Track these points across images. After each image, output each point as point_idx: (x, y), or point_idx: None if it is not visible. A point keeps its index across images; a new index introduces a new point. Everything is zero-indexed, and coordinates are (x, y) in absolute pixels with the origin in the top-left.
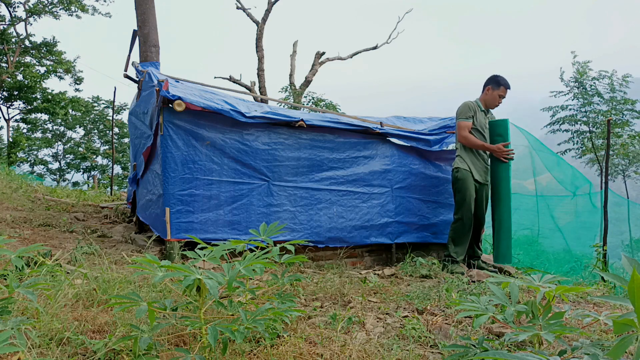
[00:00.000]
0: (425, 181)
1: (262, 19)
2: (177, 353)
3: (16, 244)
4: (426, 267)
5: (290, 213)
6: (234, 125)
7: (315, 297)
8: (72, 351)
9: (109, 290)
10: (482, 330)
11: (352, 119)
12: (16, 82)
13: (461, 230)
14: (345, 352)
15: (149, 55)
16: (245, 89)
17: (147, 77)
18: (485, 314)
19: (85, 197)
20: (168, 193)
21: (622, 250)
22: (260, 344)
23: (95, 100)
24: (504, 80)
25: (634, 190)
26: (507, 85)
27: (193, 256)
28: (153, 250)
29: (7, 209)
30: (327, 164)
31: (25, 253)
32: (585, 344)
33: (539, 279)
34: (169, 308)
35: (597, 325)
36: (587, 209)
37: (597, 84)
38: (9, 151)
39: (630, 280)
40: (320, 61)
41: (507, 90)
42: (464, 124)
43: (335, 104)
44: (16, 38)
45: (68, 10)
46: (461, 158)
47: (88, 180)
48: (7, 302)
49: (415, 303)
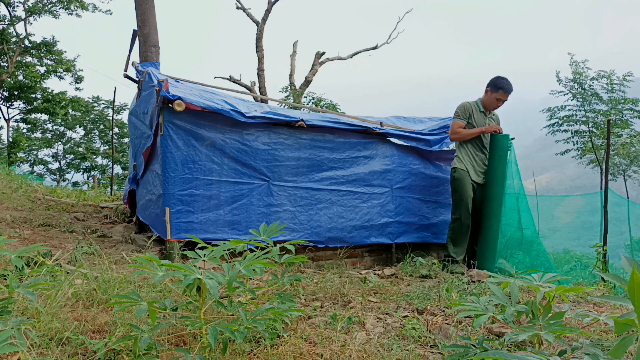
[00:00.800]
0: (426, 181)
1: (262, 19)
2: (177, 353)
3: (16, 244)
4: (426, 267)
5: (290, 213)
6: (234, 125)
7: (315, 297)
8: (72, 351)
9: (109, 290)
10: (482, 330)
11: (352, 119)
12: (16, 82)
13: (459, 230)
14: (345, 352)
15: (149, 55)
16: (245, 89)
17: (147, 77)
18: (485, 314)
19: (85, 197)
20: (168, 193)
21: (623, 250)
22: (260, 344)
23: (95, 100)
24: (503, 83)
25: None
26: (507, 89)
27: (193, 256)
28: (153, 250)
29: (7, 209)
30: (327, 164)
31: (25, 253)
32: (585, 344)
33: (539, 279)
34: (169, 308)
35: (597, 325)
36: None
37: (595, 84)
38: (9, 151)
39: (630, 279)
40: (320, 61)
41: (507, 94)
42: (454, 123)
43: (335, 104)
44: (16, 38)
45: (68, 9)
46: (459, 158)
47: (88, 180)
48: (7, 302)
49: (415, 303)
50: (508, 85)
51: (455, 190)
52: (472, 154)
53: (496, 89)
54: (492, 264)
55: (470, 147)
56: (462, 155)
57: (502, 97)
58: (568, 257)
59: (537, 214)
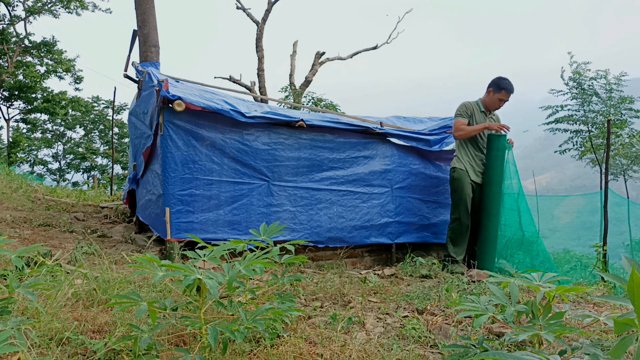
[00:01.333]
0: (426, 181)
1: (262, 19)
2: (177, 353)
3: (16, 244)
4: (426, 267)
5: (290, 213)
6: (234, 125)
7: (315, 297)
8: (72, 351)
9: (109, 290)
10: (482, 330)
11: (352, 119)
12: (16, 82)
13: (459, 230)
14: (345, 352)
15: (149, 55)
16: (245, 89)
17: (147, 77)
18: (485, 314)
19: (85, 197)
20: (168, 193)
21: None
22: (260, 344)
23: (95, 100)
24: (506, 84)
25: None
26: (509, 90)
27: (193, 256)
28: (153, 250)
29: (7, 209)
30: (327, 164)
31: (25, 253)
32: (585, 344)
33: (538, 279)
34: (169, 308)
35: (597, 325)
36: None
37: (594, 84)
38: (9, 151)
39: (629, 279)
40: (320, 61)
41: (509, 94)
42: (457, 121)
43: (335, 104)
44: (16, 37)
45: (67, 8)
46: (458, 158)
47: (88, 180)
48: (7, 302)
49: (415, 303)
50: (510, 86)
51: (454, 190)
52: (472, 154)
53: (499, 90)
54: (492, 264)
55: (469, 147)
56: (461, 155)
57: (504, 97)
58: (568, 257)
59: (537, 214)
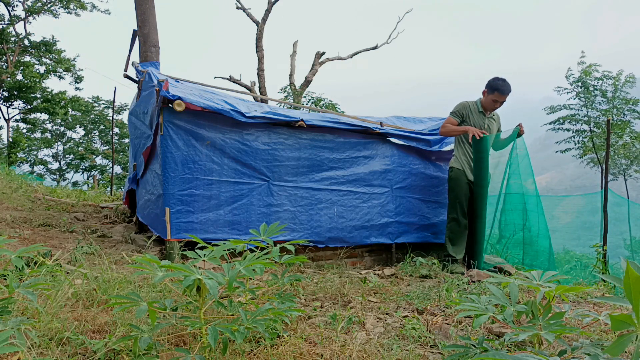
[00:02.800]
0: (426, 181)
1: (262, 19)
2: (177, 353)
3: (16, 244)
4: (426, 267)
5: (290, 213)
6: (234, 125)
7: (315, 297)
8: (72, 351)
9: (109, 290)
10: (482, 330)
11: (352, 119)
12: (16, 82)
13: (457, 229)
14: (345, 352)
15: (149, 55)
16: (245, 89)
17: (147, 77)
18: (485, 314)
19: (85, 197)
20: (168, 193)
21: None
22: (260, 344)
23: (95, 100)
24: (499, 85)
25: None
26: (502, 91)
27: (193, 256)
28: (153, 250)
29: (7, 209)
30: (327, 164)
31: (25, 253)
32: (585, 344)
33: (538, 278)
34: (169, 308)
35: (597, 325)
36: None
37: (601, 84)
38: (9, 151)
39: (625, 276)
40: (320, 61)
41: (503, 95)
42: (447, 119)
43: (335, 104)
44: (15, 37)
45: (67, 8)
46: (456, 158)
47: (88, 180)
48: (7, 302)
49: (415, 303)
50: (504, 87)
51: (451, 190)
52: (469, 154)
53: (492, 91)
54: (479, 265)
55: (467, 147)
56: (459, 154)
57: (498, 98)
58: (568, 257)
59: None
